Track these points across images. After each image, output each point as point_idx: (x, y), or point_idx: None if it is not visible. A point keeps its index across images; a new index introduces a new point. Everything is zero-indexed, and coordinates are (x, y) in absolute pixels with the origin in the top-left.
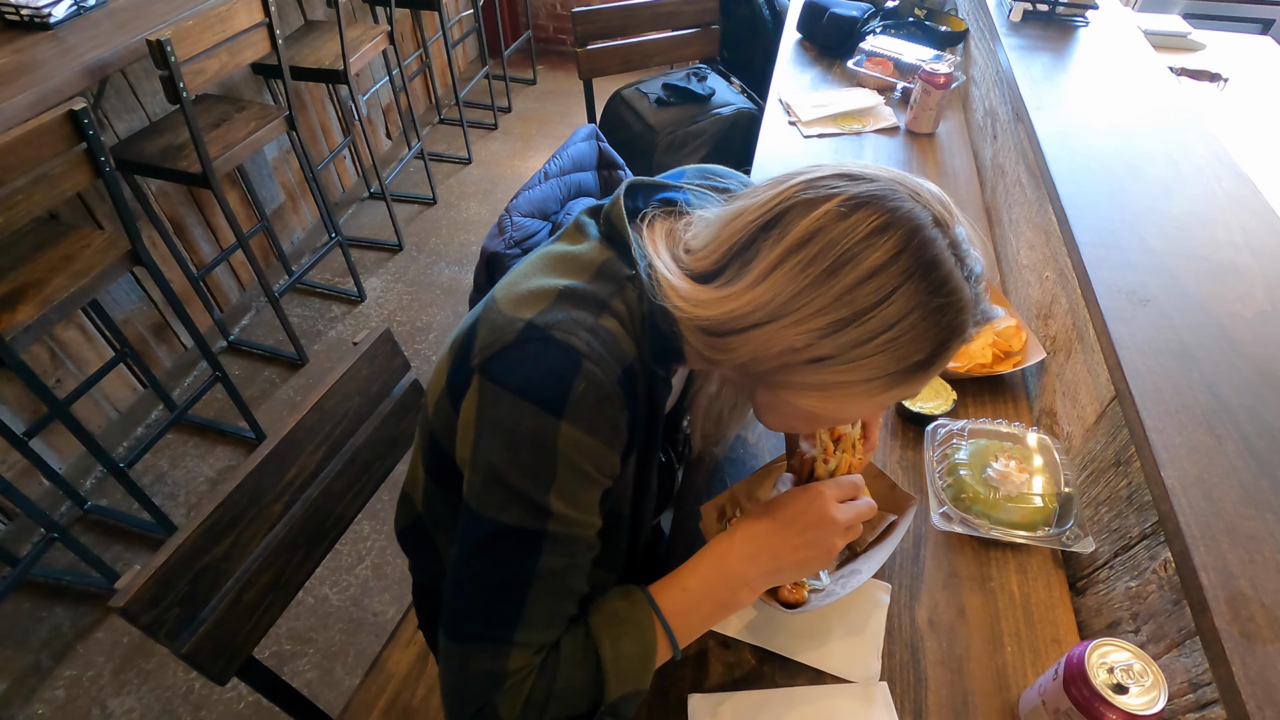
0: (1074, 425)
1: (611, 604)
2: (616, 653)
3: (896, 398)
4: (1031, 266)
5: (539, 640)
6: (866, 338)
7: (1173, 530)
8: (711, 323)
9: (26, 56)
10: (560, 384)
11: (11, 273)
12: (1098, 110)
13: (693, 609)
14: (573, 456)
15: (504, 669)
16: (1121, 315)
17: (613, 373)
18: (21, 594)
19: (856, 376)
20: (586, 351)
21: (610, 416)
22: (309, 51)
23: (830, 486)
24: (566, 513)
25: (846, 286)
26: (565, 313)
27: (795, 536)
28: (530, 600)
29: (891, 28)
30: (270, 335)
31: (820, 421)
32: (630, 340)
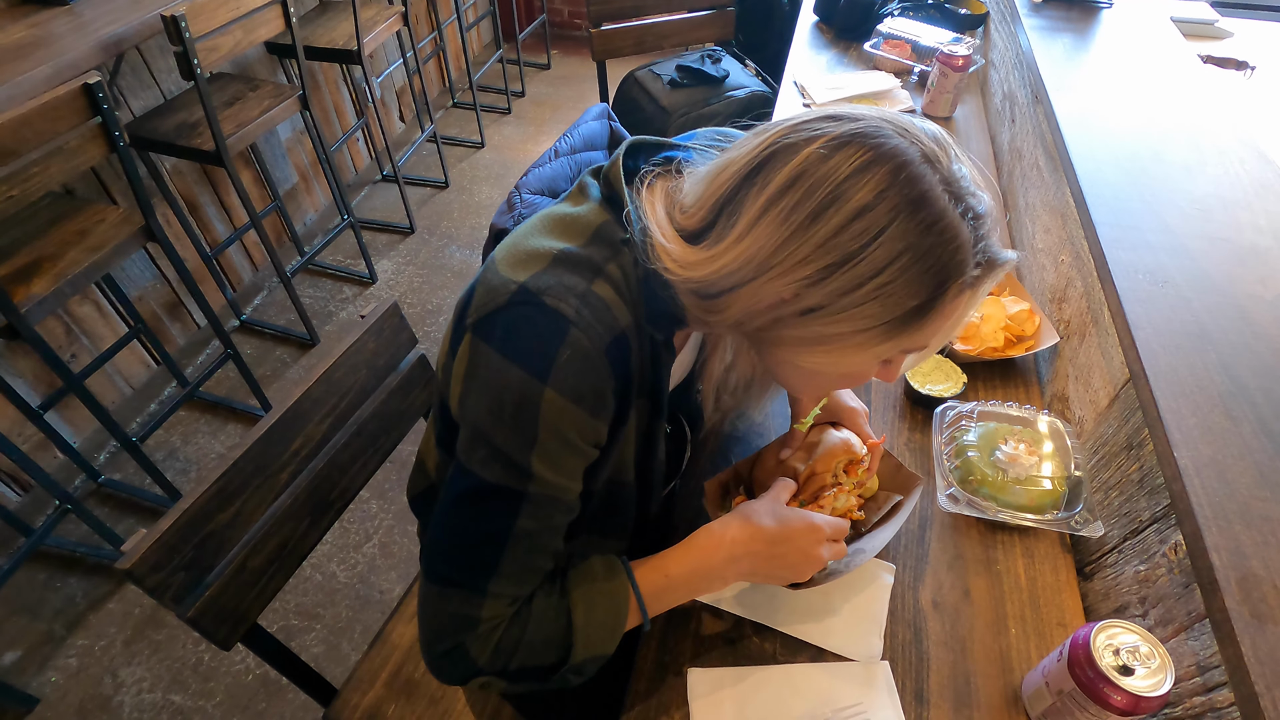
0: (1086, 409)
1: (591, 570)
2: (588, 619)
3: (898, 348)
4: (1047, 250)
5: (511, 593)
6: (856, 284)
7: (1185, 511)
8: (702, 284)
9: (43, 31)
10: (546, 350)
11: (27, 246)
12: (1119, 92)
13: (668, 591)
14: (555, 422)
15: (477, 615)
16: (1138, 295)
17: (600, 341)
18: (36, 564)
19: (851, 327)
20: (574, 319)
21: (595, 385)
22: (323, 31)
23: (828, 527)
24: (547, 476)
25: (831, 230)
26: (558, 278)
27: (779, 558)
28: (505, 556)
29: (910, 10)
30: (282, 315)
31: (826, 380)
32: (625, 306)
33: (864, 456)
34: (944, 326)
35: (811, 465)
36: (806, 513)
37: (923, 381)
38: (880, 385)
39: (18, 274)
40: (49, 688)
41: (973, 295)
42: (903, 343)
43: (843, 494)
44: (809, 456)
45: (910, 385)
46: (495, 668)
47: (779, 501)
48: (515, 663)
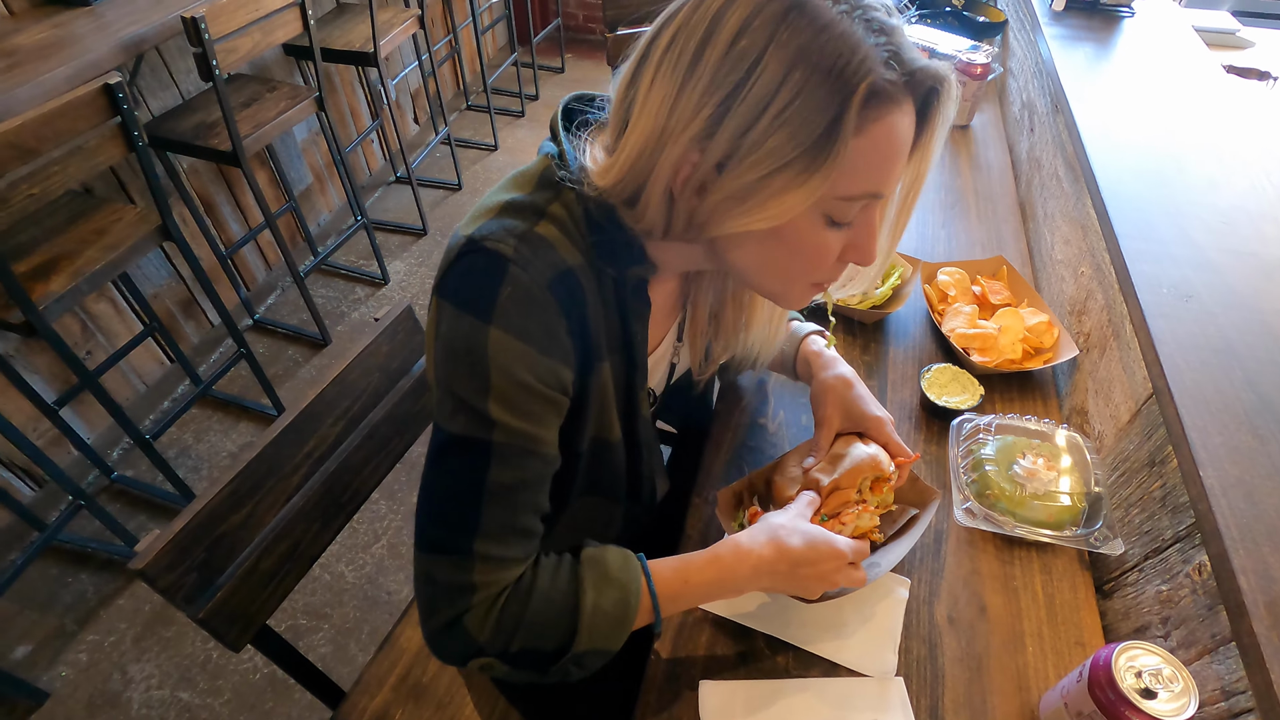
0: (1106, 424)
1: (605, 559)
2: (596, 608)
3: (835, 192)
4: (1066, 262)
5: (500, 553)
6: (753, 115)
7: (1211, 532)
8: (622, 186)
9: (65, 31)
10: (488, 290)
11: (45, 243)
12: (1141, 102)
13: (685, 597)
14: (504, 361)
15: (469, 581)
16: (1162, 310)
17: (542, 277)
18: (48, 559)
19: (769, 166)
20: (514, 257)
21: (542, 320)
22: (340, 33)
23: (852, 553)
24: (510, 423)
25: (714, 64)
26: (500, 223)
27: (799, 578)
28: (484, 512)
29: (928, 18)
30: (295, 315)
31: (786, 261)
32: (571, 245)
33: (891, 474)
34: (879, 158)
35: (836, 480)
36: (833, 536)
37: (939, 393)
38: (896, 396)
39: (36, 271)
40: (59, 682)
41: (906, 121)
42: (835, 182)
43: (866, 513)
44: (834, 469)
45: (926, 396)
46: (496, 648)
47: (804, 518)
48: (517, 644)
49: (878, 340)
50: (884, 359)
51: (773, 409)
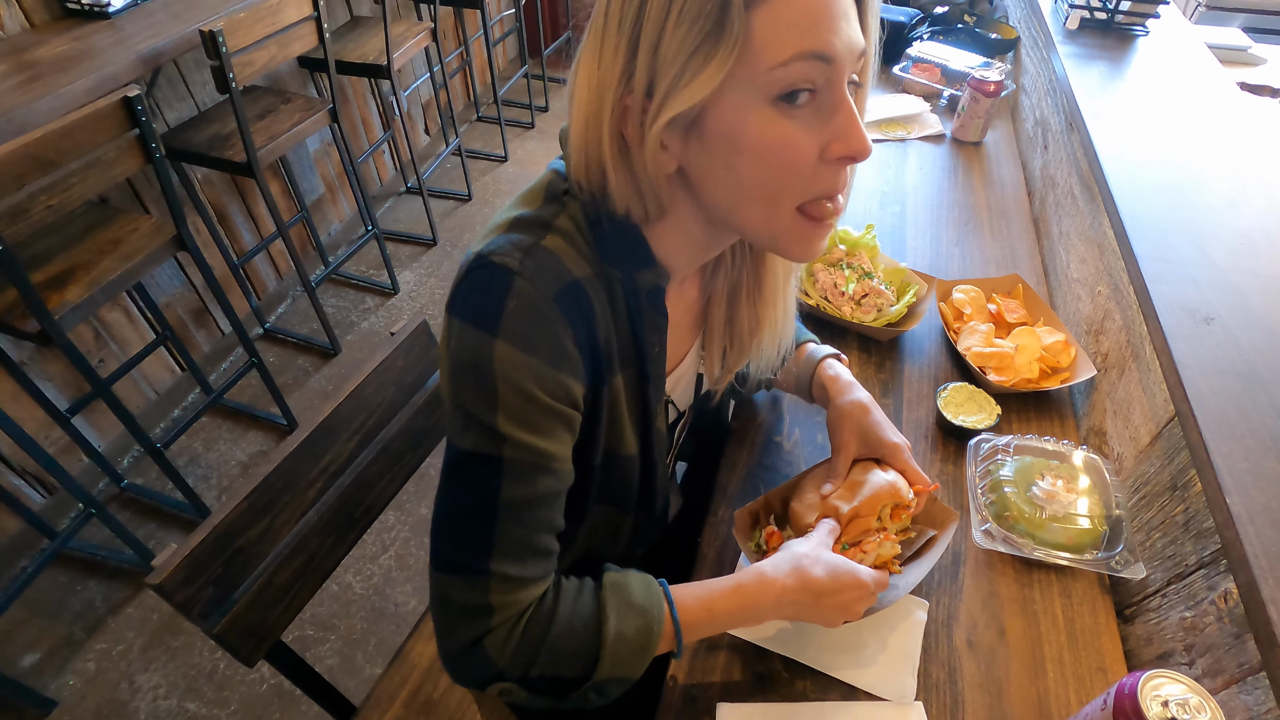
0: (1125, 446)
1: (629, 584)
2: (619, 635)
3: (765, 61)
4: (1083, 281)
5: (516, 573)
6: (657, 30)
7: (1238, 560)
8: (589, 170)
9: (85, 44)
10: (494, 304)
11: (62, 254)
12: (1158, 121)
13: (708, 625)
14: (510, 375)
15: (486, 602)
16: (1183, 333)
17: (547, 289)
18: (58, 566)
19: (679, 64)
20: (519, 270)
21: (548, 333)
22: (354, 46)
23: (873, 582)
24: (519, 438)
25: (618, 7)
26: (508, 238)
27: (822, 608)
28: (498, 530)
29: (940, 34)
30: (305, 324)
31: (759, 169)
32: (578, 256)
33: (911, 501)
34: (797, 14)
35: (856, 508)
36: (856, 566)
37: (956, 412)
38: (912, 415)
39: (53, 281)
40: (66, 691)
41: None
42: (756, 56)
43: (887, 541)
44: (853, 496)
45: (943, 416)
46: (516, 673)
47: (827, 547)
48: (537, 670)
49: (893, 358)
50: (900, 377)
51: (788, 427)
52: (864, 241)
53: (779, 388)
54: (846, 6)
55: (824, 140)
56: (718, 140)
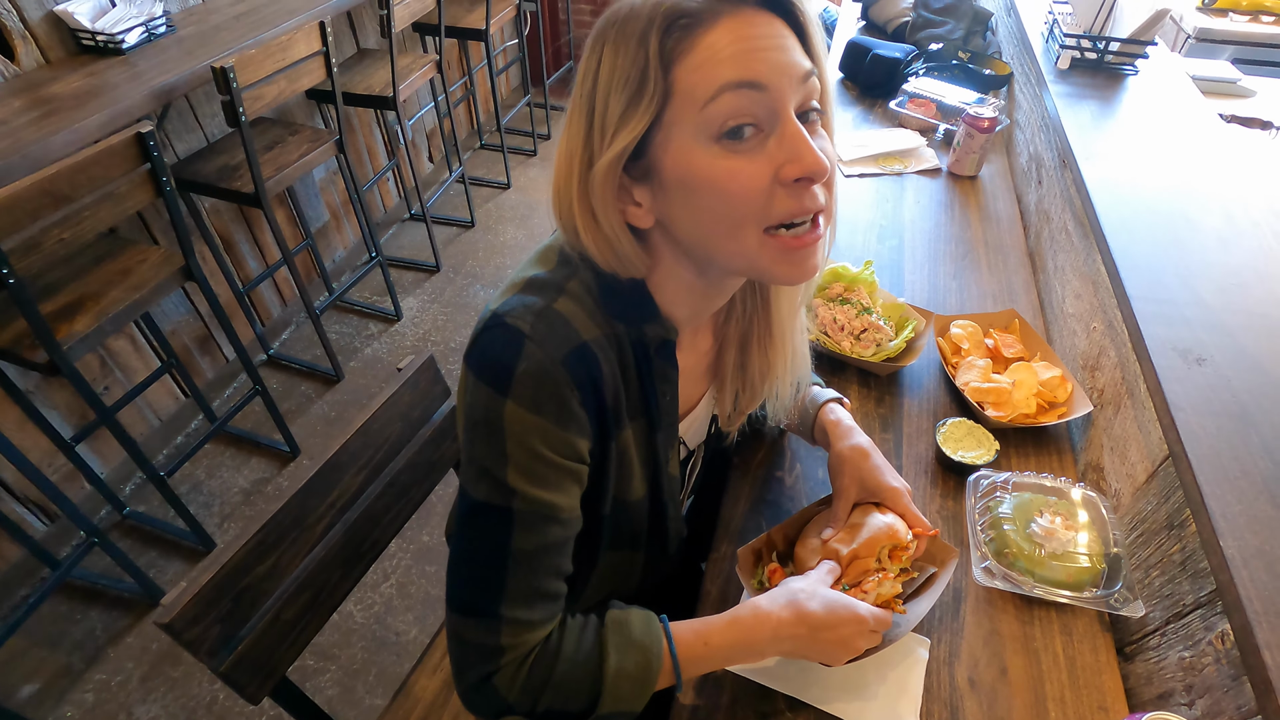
0: (1123, 483)
1: (630, 621)
2: (619, 671)
3: (694, 101)
4: (1078, 316)
5: (525, 617)
6: (604, 98)
7: (1233, 603)
8: (569, 231)
9: (99, 80)
10: (506, 365)
11: (72, 284)
12: (1149, 160)
13: (707, 660)
14: (519, 434)
15: (497, 644)
16: (1175, 374)
17: (556, 353)
18: (59, 595)
19: (614, 125)
20: (530, 333)
21: (555, 395)
22: (361, 78)
23: (873, 620)
24: (529, 492)
25: (577, 88)
26: (521, 299)
27: (820, 643)
28: (509, 576)
29: (935, 70)
30: (308, 350)
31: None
32: (588, 319)
33: (910, 543)
34: (723, 57)
35: (855, 550)
36: (855, 603)
37: (955, 448)
38: (912, 450)
39: (62, 311)
40: None
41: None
42: (683, 100)
43: (887, 580)
44: (852, 539)
45: (942, 451)
46: (524, 707)
47: (824, 585)
48: (543, 704)
49: (892, 393)
50: (899, 412)
51: (790, 462)
52: (862, 277)
53: (784, 427)
54: (778, 40)
55: (776, 165)
56: (674, 185)
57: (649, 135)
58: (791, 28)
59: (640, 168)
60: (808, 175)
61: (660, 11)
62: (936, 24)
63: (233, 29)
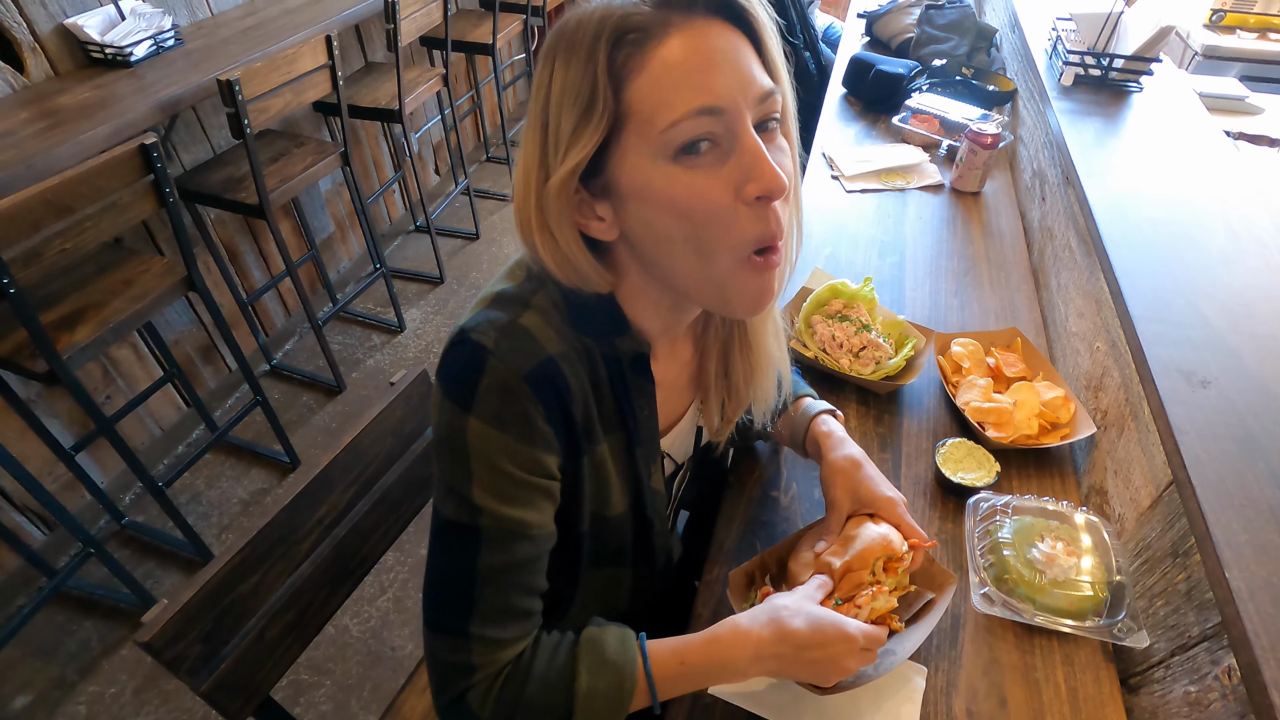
0: (1126, 507)
1: (604, 639)
2: (590, 691)
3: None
4: (1081, 335)
5: (496, 635)
6: (556, 114)
7: (1239, 639)
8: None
9: (107, 92)
10: (469, 381)
11: (74, 294)
12: (1153, 177)
13: (683, 679)
14: (483, 450)
15: (468, 662)
16: (1179, 397)
17: (519, 369)
18: (55, 605)
19: (573, 139)
20: (493, 349)
21: (518, 411)
22: (367, 91)
23: (863, 636)
24: (495, 508)
25: (531, 104)
26: (487, 315)
27: (807, 663)
28: (477, 594)
29: (938, 86)
30: (311, 361)
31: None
32: (554, 333)
33: (905, 554)
34: (678, 78)
35: (848, 562)
36: (841, 618)
37: (954, 469)
38: (911, 471)
39: (64, 321)
40: None
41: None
42: (642, 123)
43: (881, 594)
44: (845, 551)
45: (942, 473)
46: None
47: (812, 600)
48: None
49: (891, 412)
50: (898, 431)
51: (785, 482)
52: (862, 294)
53: (776, 439)
54: (734, 54)
55: (736, 183)
56: (634, 202)
57: (605, 152)
58: (747, 36)
59: (599, 184)
60: (767, 194)
61: (607, 25)
62: (940, 40)
63: (240, 42)
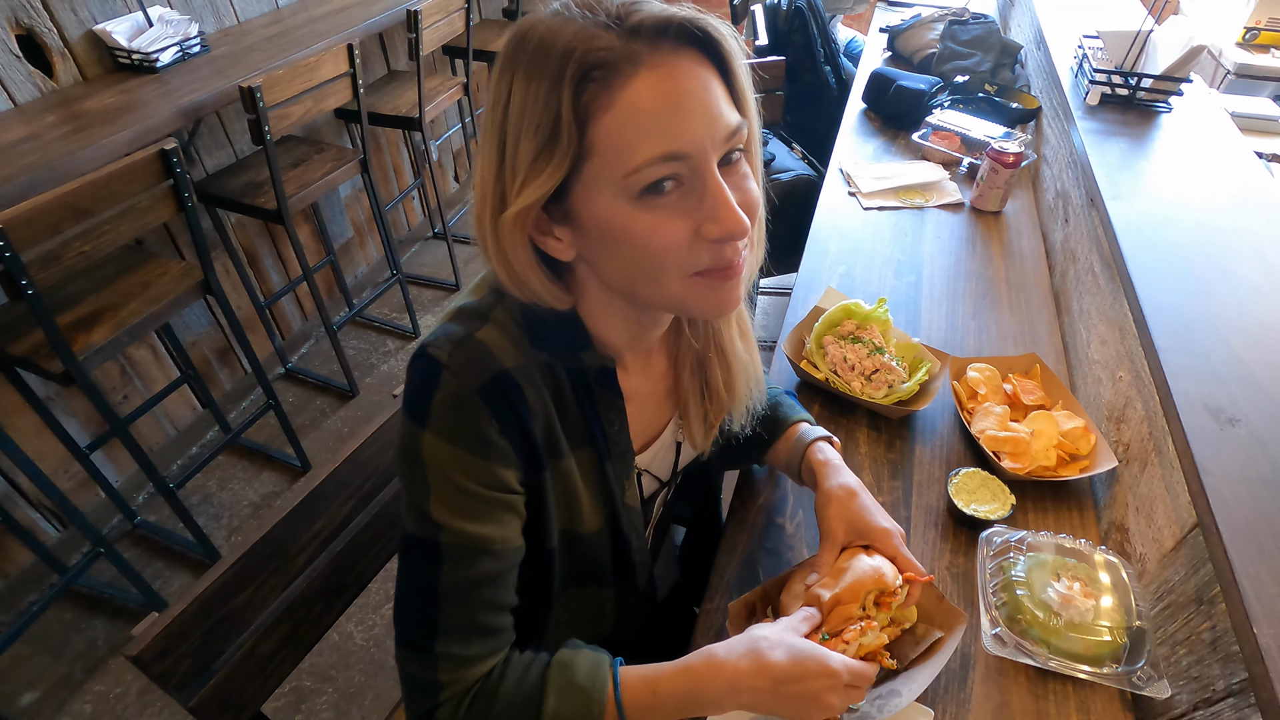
0: (1148, 547)
1: (575, 663)
2: (557, 713)
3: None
4: (1103, 363)
5: (461, 652)
6: (515, 137)
7: (1268, 702)
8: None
9: (131, 97)
10: (424, 395)
11: (92, 295)
12: (1181, 201)
13: (656, 709)
14: (438, 464)
15: (435, 679)
16: (1206, 436)
17: (472, 382)
18: (65, 602)
19: (523, 172)
20: (447, 363)
21: (472, 424)
22: (388, 99)
23: (847, 672)
24: (453, 524)
25: (486, 118)
26: (445, 329)
27: (786, 698)
28: (441, 612)
29: (960, 102)
30: (325, 365)
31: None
32: (512, 346)
33: (898, 589)
34: (645, 122)
35: (837, 594)
36: (824, 652)
37: (968, 500)
38: (922, 500)
39: (80, 322)
40: None
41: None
42: (614, 161)
43: (871, 630)
44: (836, 583)
45: (954, 504)
46: None
47: (796, 632)
48: None
49: (903, 438)
50: (910, 458)
51: (791, 508)
52: (876, 315)
53: (771, 464)
54: (702, 95)
55: (698, 222)
56: (594, 232)
57: (566, 183)
58: (716, 67)
59: (560, 210)
60: (728, 236)
61: (573, 59)
62: (963, 56)
63: (265, 50)
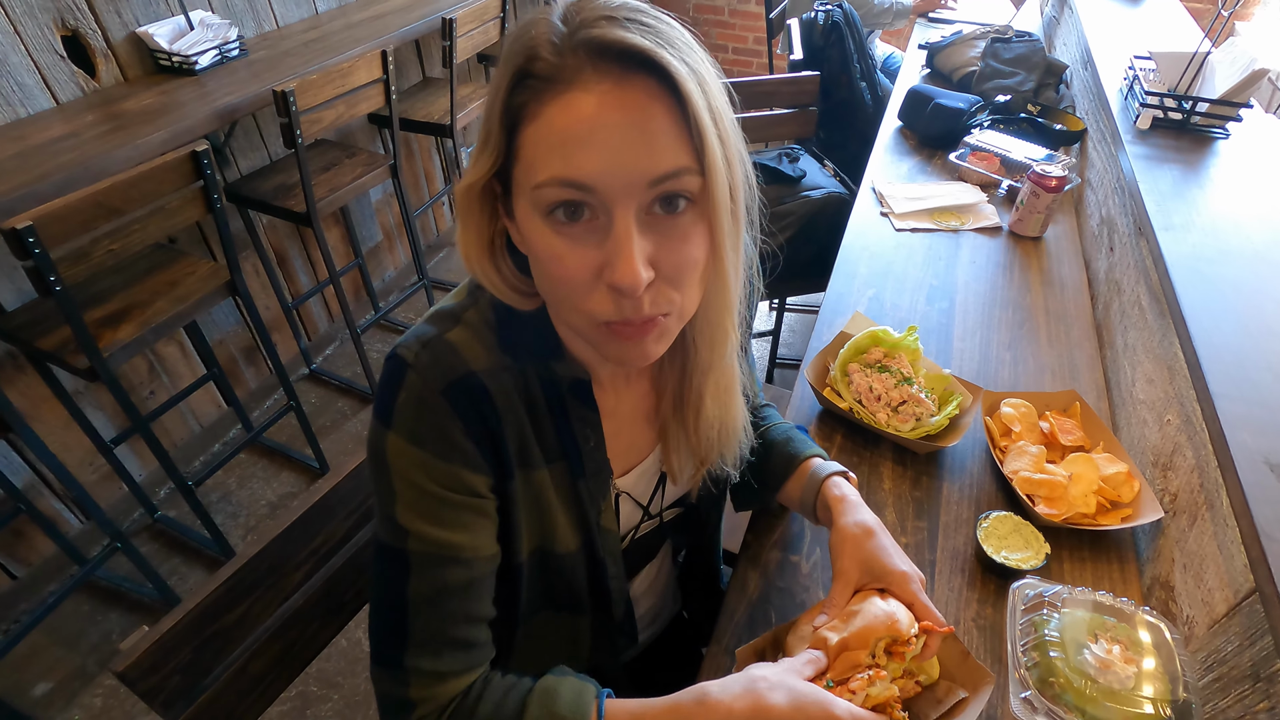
0: (1197, 609)
1: (559, 691)
2: None
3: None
4: (1149, 404)
5: (432, 667)
6: None
7: None
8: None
9: (169, 98)
10: (389, 397)
11: (122, 292)
12: (1238, 234)
13: None
14: (402, 467)
15: (406, 696)
16: (1267, 495)
17: (436, 383)
18: (83, 594)
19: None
20: (413, 362)
21: (436, 425)
22: (421, 106)
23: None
24: (420, 530)
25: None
26: (418, 330)
27: None
28: (410, 623)
29: (1000, 122)
30: (349, 368)
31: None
32: (481, 347)
33: (913, 638)
34: (556, 141)
35: (845, 639)
36: (829, 697)
37: (997, 546)
38: (949, 542)
39: (108, 319)
40: None
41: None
42: (523, 169)
43: (880, 680)
44: (845, 627)
45: (983, 549)
46: None
47: (798, 675)
48: None
49: (931, 474)
50: (937, 497)
51: (808, 546)
52: (905, 343)
53: (785, 504)
54: (631, 131)
55: (598, 264)
56: (522, 237)
57: (508, 179)
58: (676, 98)
59: (509, 204)
60: (618, 288)
61: (515, 62)
62: (1006, 74)
63: (301, 54)
